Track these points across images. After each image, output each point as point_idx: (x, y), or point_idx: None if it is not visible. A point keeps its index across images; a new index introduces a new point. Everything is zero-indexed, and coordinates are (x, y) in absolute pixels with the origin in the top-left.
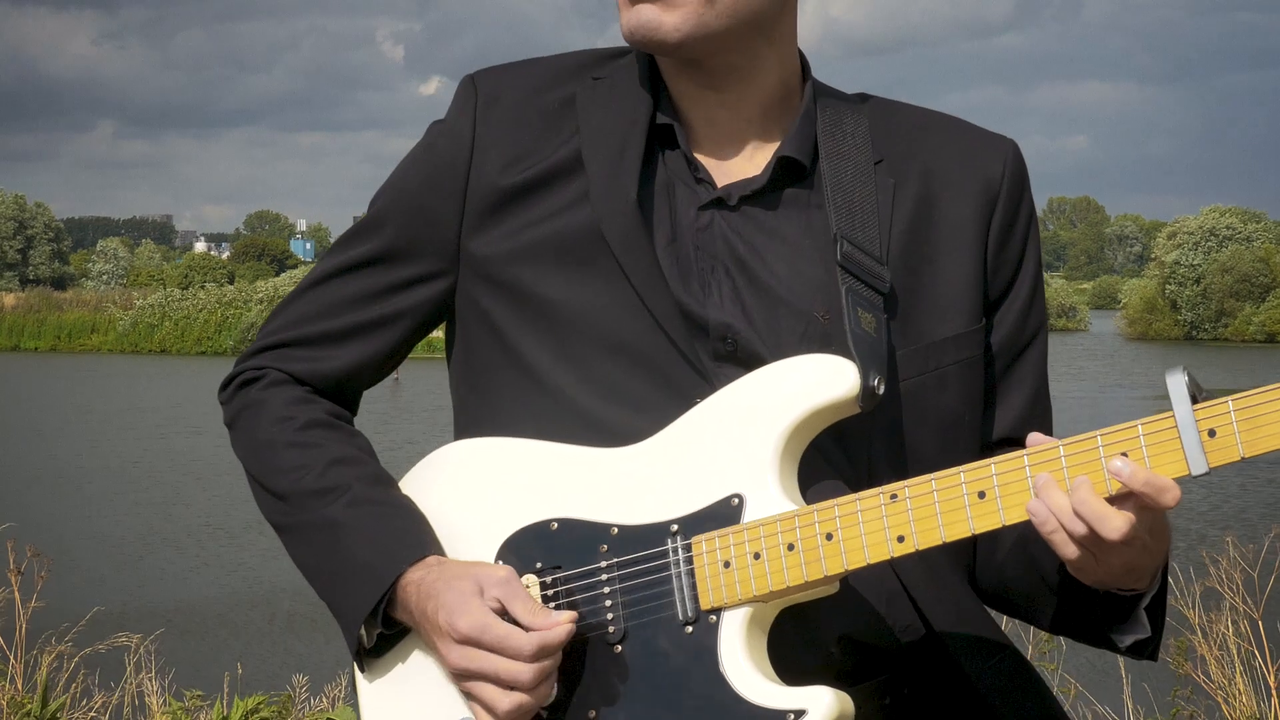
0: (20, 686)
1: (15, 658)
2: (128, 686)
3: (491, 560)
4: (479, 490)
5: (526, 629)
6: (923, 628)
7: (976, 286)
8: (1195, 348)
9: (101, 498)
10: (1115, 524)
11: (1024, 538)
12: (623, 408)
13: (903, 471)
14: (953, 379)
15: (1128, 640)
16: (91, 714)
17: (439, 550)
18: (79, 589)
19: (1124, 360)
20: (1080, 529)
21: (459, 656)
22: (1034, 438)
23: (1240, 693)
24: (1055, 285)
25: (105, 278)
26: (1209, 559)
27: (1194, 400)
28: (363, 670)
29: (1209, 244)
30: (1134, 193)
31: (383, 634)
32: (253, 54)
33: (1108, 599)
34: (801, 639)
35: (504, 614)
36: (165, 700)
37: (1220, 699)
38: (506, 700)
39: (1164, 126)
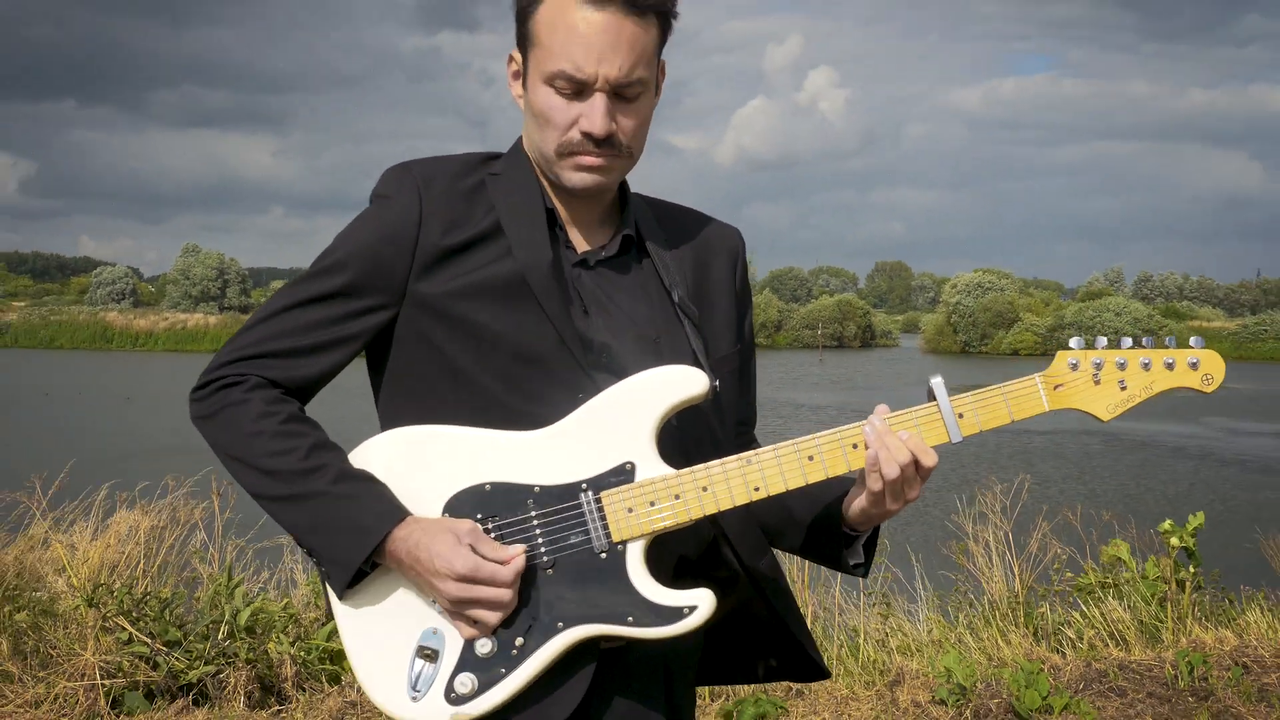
0: (216, 567)
1: (215, 548)
2: (283, 567)
3: (439, 515)
4: (422, 464)
5: (495, 562)
6: (731, 549)
7: (736, 320)
8: (968, 359)
9: None
10: (927, 459)
11: (778, 499)
12: (534, 402)
13: (704, 443)
14: (728, 382)
15: (853, 562)
16: (260, 585)
17: (409, 513)
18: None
19: (923, 367)
20: (905, 458)
21: (457, 589)
22: (878, 413)
23: (997, 578)
24: (879, 318)
25: None
26: (980, 491)
27: (949, 395)
28: (341, 599)
29: (977, 292)
30: (931, 259)
31: (359, 572)
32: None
33: (843, 535)
34: (658, 558)
35: (474, 553)
36: (308, 575)
37: (984, 582)
38: (494, 616)
39: (954, 216)
